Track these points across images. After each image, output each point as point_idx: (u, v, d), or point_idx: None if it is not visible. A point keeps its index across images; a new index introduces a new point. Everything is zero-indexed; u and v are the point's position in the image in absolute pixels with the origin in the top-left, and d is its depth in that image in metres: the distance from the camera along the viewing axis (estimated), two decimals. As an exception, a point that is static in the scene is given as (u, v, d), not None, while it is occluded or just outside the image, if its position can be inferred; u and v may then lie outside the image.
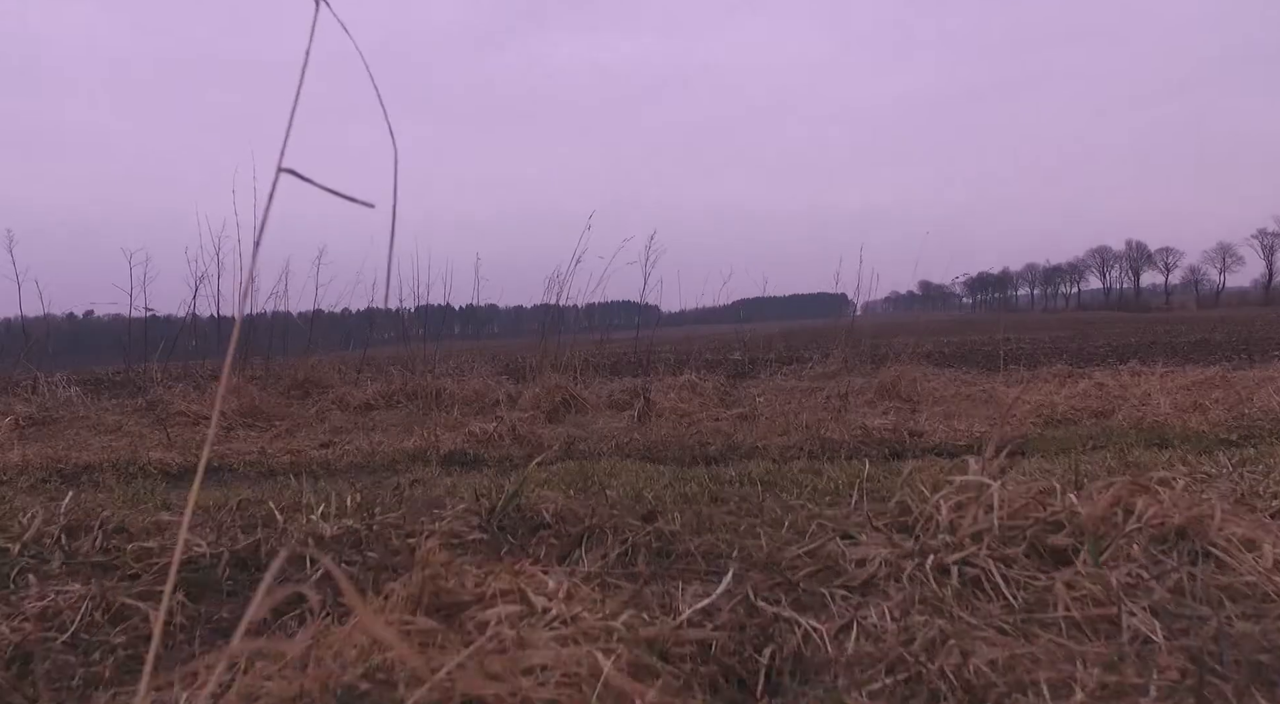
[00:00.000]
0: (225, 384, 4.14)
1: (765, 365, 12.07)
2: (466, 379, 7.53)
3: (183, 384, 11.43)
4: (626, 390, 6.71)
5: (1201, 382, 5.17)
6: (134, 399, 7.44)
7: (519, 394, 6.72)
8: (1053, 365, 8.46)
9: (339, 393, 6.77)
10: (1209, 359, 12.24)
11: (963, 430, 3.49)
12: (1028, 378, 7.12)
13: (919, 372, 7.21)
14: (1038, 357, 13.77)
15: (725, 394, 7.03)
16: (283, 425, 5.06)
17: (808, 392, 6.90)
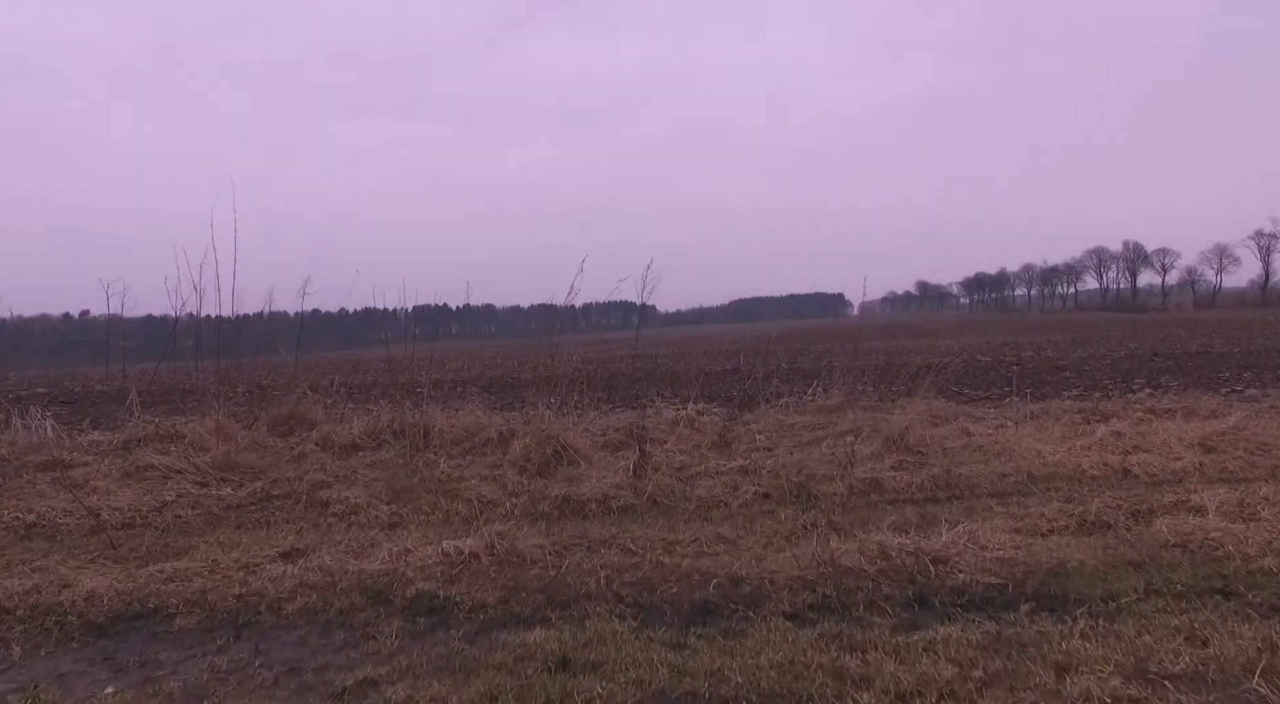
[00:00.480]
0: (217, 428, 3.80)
1: (766, 386, 11.83)
2: (456, 411, 7.28)
3: (167, 407, 11.12)
4: (622, 431, 6.47)
5: (1225, 435, 4.95)
6: (114, 432, 7.19)
7: (510, 433, 6.47)
8: (1060, 396, 8.23)
9: (324, 432, 6.52)
10: (1216, 376, 12.02)
11: (992, 547, 3.12)
12: (1037, 412, 6.89)
13: (926, 410, 6.98)
14: (1042, 375, 13.55)
15: (725, 432, 6.79)
16: (257, 484, 4.81)
17: (809, 431, 6.67)
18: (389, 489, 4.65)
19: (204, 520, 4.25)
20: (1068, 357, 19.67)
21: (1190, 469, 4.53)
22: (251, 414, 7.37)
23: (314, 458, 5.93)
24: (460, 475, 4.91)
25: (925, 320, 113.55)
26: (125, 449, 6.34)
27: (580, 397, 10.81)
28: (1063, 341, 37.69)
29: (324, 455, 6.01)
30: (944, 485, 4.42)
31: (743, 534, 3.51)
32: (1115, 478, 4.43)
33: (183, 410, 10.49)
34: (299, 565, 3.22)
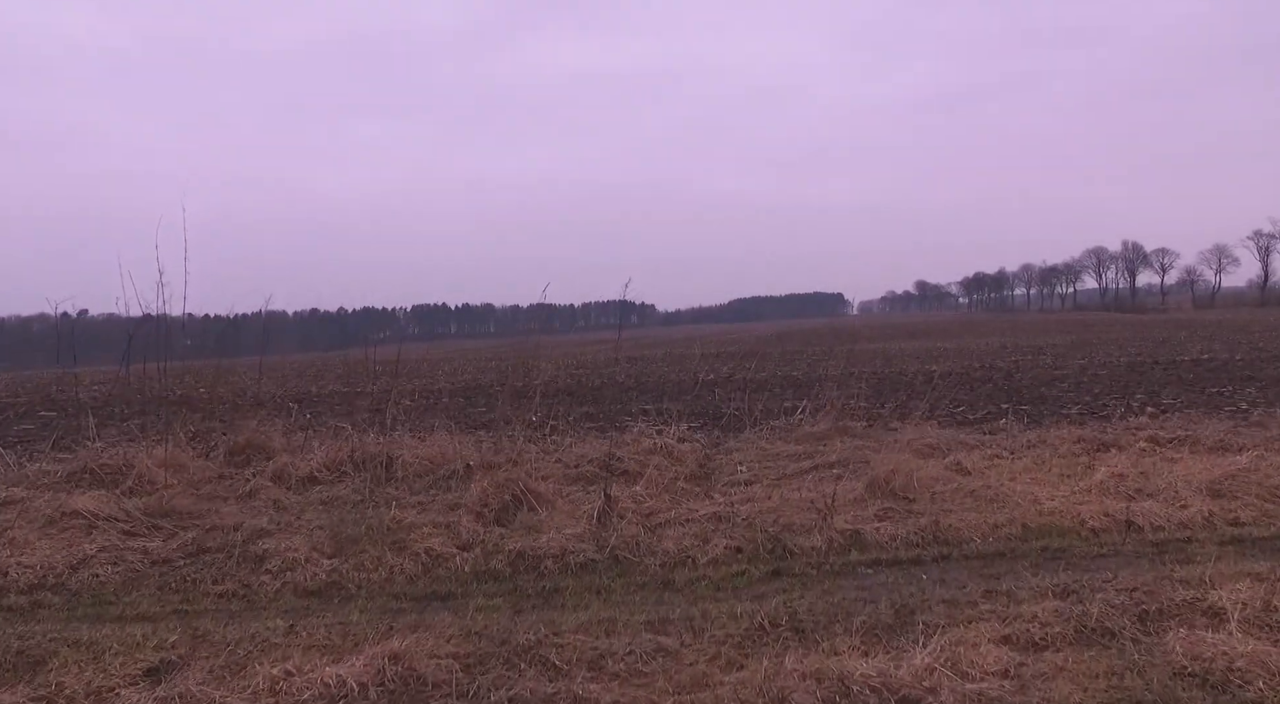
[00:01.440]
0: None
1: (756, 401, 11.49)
2: (425, 438, 6.93)
3: (139, 421, 10.70)
4: (595, 462, 6.11)
5: (1235, 477, 4.58)
6: (62, 461, 6.80)
7: (478, 464, 6.12)
8: (1059, 417, 7.88)
9: (280, 464, 6.17)
10: (1219, 390, 11.67)
11: (975, 672, 2.63)
12: (1034, 441, 6.54)
13: (918, 438, 6.63)
14: (1039, 387, 13.19)
15: (705, 462, 6.44)
16: (190, 535, 4.45)
17: (794, 461, 6.32)
18: (333, 539, 4.31)
19: (122, 580, 3.90)
20: (1067, 364, 19.32)
21: (1199, 520, 4.18)
22: (208, 442, 7.03)
23: (265, 494, 5.58)
24: (412, 522, 4.56)
25: (924, 321, 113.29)
26: (68, 482, 5.99)
27: (561, 411, 10.46)
28: (1062, 345, 37.39)
29: (276, 491, 5.66)
30: (931, 540, 4.07)
31: (688, 640, 3.10)
32: (1118, 532, 4.08)
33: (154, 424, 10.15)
34: (159, 693, 2.80)
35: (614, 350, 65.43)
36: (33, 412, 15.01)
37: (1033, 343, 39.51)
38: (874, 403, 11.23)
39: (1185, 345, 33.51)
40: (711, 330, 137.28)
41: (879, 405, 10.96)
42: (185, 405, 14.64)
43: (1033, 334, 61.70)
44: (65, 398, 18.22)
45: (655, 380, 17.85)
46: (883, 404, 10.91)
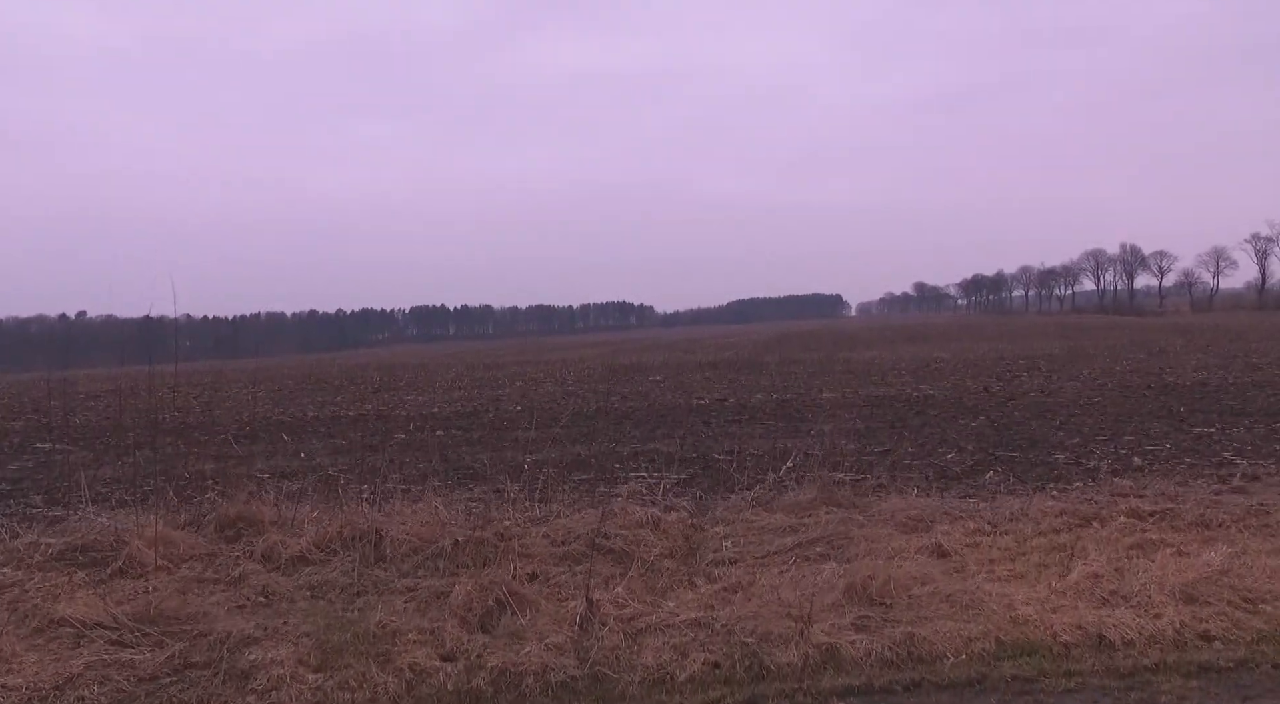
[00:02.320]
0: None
1: (745, 448, 11.56)
2: (415, 502, 6.98)
3: (131, 457, 10.71)
4: (581, 540, 6.17)
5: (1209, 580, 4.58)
6: (57, 534, 6.84)
7: (467, 540, 6.17)
8: (1044, 484, 7.93)
9: (269, 542, 6.22)
10: (1206, 436, 11.75)
11: None
12: (1017, 513, 6.59)
13: (903, 510, 6.69)
14: (1031, 421, 13.24)
15: (691, 536, 6.49)
16: (178, 646, 4.48)
17: (778, 536, 6.38)
18: (319, 649, 4.36)
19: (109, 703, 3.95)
20: (1061, 388, 19.34)
21: (1169, 633, 4.23)
22: (199, 509, 7.08)
23: (254, 580, 5.63)
24: (397, 628, 4.61)
25: (922, 324, 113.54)
26: (60, 560, 6.04)
27: (553, 456, 10.51)
28: (1058, 355, 37.50)
29: (265, 576, 5.71)
30: (906, 657, 4.12)
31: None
32: (1089, 648, 4.13)
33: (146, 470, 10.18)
34: None
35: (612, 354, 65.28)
36: (28, 443, 15.03)
37: (1029, 353, 39.61)
38: (864, 444, 11.31)
39: (1181, 357, 33.65)
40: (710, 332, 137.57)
41: (870, 447, 11.03)
42: (180, 438, 14.71)
43: (1030, 339, 61.87)
44: (61, 425, 18.26)
45: (650, 407, 17.89)
46: (873, 447, 10.98)
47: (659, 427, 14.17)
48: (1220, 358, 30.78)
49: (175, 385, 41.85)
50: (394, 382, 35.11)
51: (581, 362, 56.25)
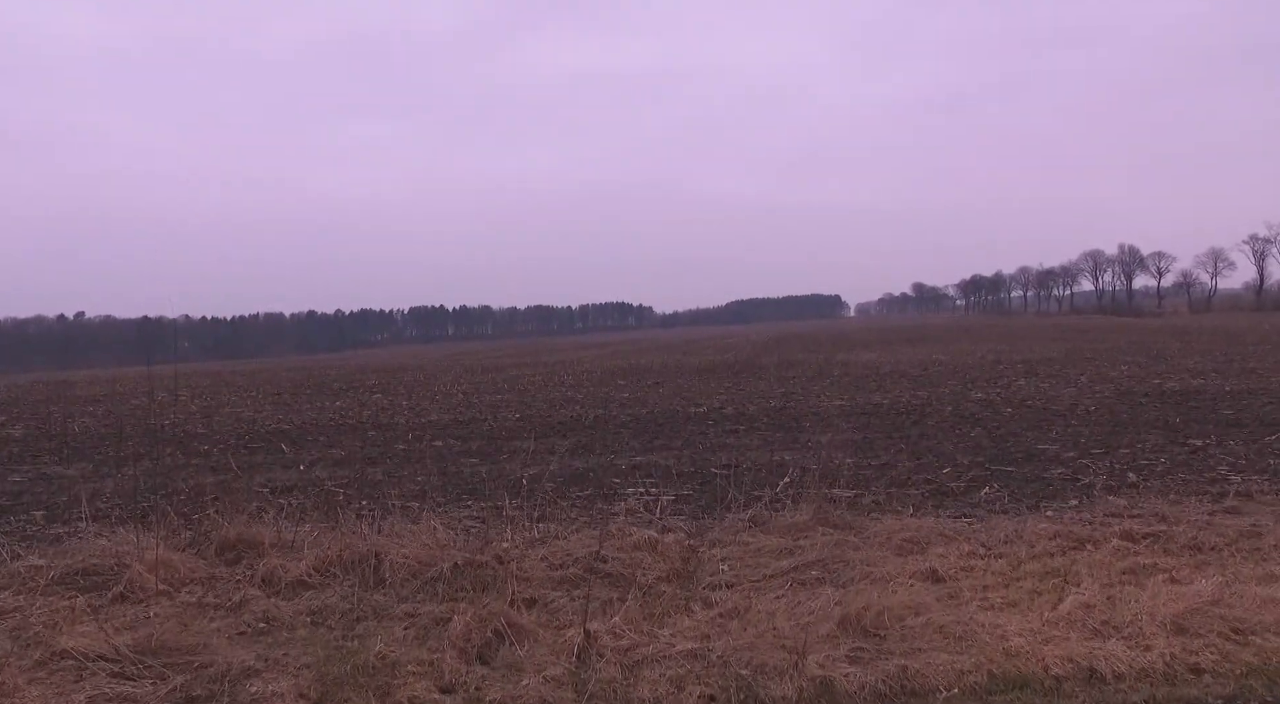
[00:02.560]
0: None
1: (742, 461, 11.62)
2: (412, 530, 7.01)
3: (132, 469, 10.70)
4: (579, 564, 6.22)
5: (1200, 611, 4.62)
6: (56, 555, 6.87)
7: (466, 563, 6.22)
8: (1039, 503, 7.97)
9: (270, 565, 6.26)
10: (1202, 451, 11.81)
11: None
12: (1011, 536, 6.64)
13: (899, 531, 6.74)
14: (1028, 430, 13.29)
15: (688, 558, 6.54)
16: (179, 679, 4.52)
17: (774, 558, 6.43)
18: (319, 681, 4.40)
19: (111, 740, 4.00)
20: (1059, 394, 19.39)
21: (1159, 666, 4.27)
22: (200, 529, 7.12)
23: (255, 606, 5.67)
24: (397, 659, 4.65)
25: (920, 325, 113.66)
26: (61, 584, 6.08)
27: (551, 469, 10.55)
28: (1056, 358, 37.58)
29: (266, 602, 5.75)
30: (899, 690, 4.17)
31: None
32: (1081, 681, 4.18)
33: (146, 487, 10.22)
34: None
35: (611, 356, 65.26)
36: (28, 454, 15.05)
37: (1027, 356, 39.69)
38: (862, 457, 11.35)
39: (1178, 360, 33.75)
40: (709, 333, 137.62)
41: (867, 460, 11.08)
42: (179, 448, 14.75)
43: (1028, 341, 62.00)
44: (62, 431, 18.29)
45: (648, 415, 17.93)
46: (871, 460, 11.03)
47: (657, 437, 14.22)
48: (1217, 362, 30.87)
49: (174, 388, 41.93)
50: (392, 386, 35.14)
51: (580, 364, 56.32)
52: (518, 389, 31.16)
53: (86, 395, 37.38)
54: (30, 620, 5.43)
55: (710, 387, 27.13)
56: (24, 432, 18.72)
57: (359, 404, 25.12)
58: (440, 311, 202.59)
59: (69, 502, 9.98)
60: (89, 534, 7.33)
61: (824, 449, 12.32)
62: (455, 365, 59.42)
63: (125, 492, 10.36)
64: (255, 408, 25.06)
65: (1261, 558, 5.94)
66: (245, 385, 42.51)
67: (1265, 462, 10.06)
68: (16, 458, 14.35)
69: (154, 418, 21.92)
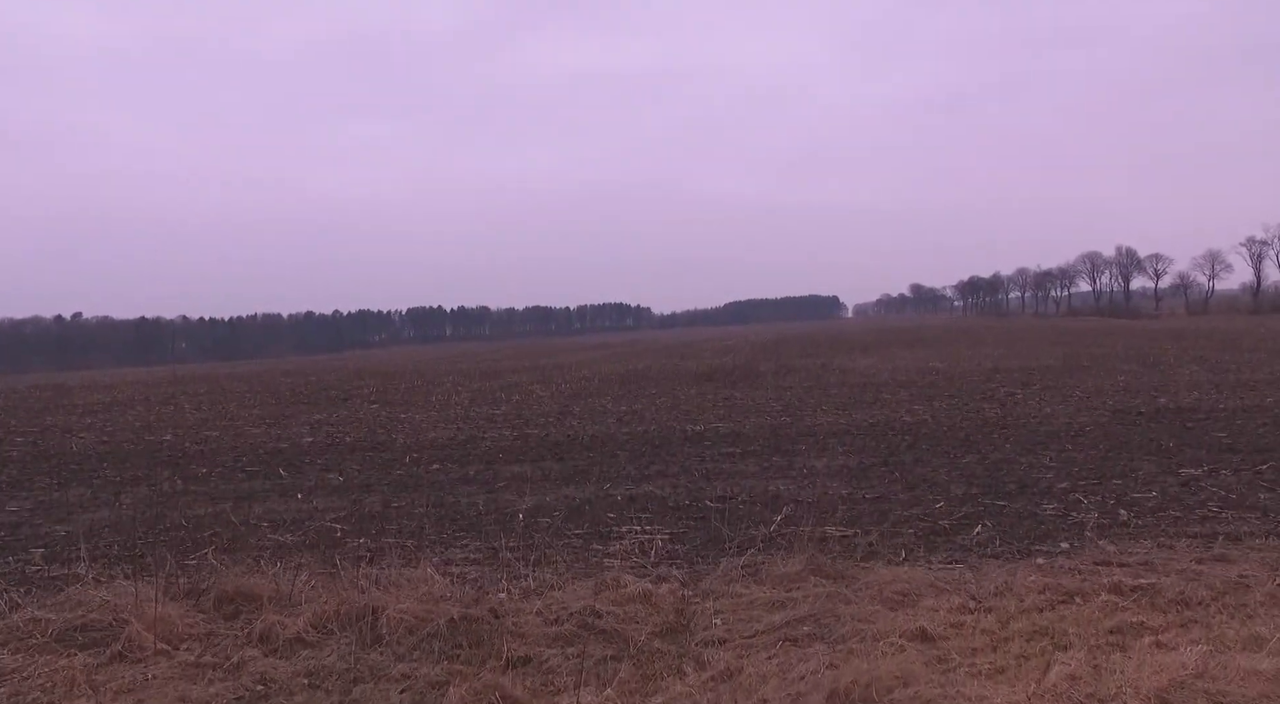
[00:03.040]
0: None
1: (737, 492, 11.69)
2: (409, 578, 7.07)
3: (131, 502, 10.71)
4: (574, 619, 6.28)
5: (1185, 685, 4.69)
6: (55, 607, 6.92)
7: (462, 617, 6.29)
8: (1031, 556, 8.02)
9: (268, 622, 6.32)
10: (1194, 482, 11.88)
11: None
12: (1001, 589, 6.71)
13: (891, 583, 6.81)
14: (1021, 459, 13.34)
15: (681, 611, 6.62)
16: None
17: (766, 612, 6.49)
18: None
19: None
20: (1054, 411, 19.47)
21: (1143, 746, 4.36)
22: (199, 582, 7.18)
23: (252, 667, 5.72)
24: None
25: (918, 326, 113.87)
26: (59, 642, 6.12)
27: (548, 502, 10.60)
28: (1054, 366, 37.68)
29: (264, 662, 5.80)
30: (886, 772, 4.26)
31: None
32: (1064, 763, 4.27)
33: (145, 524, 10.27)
34: None
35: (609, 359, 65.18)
36: (26, 475, 15.09)
37: (1024, 364, 39.81)
38: (856, 487, 11.43)
39: (1175, 369, 33.85)
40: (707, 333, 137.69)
41: (861, 491, 11.15)
42: (176, 472, 14.80)
43: (1026, 345, 62.16)
44: (60, 451, 18.31)
45: (645, 433, 17.99)
46: (865, 491, 11.09)
47: (654, 462, 14.28)
48: (1213, 371, 30.99)
49: (171, 396, 41.89)
50: (390, 394, 35.18)
51: (578, 368, 56.39)
52: (514, 400, 31.22)
53: (84, 404, 37.38)
54: (28, 684, 5.49)
55: (707, 399, 27.20)
56: (21, 451, 18.74)
57: (356, 417, 25.17)
58: (438, 312, 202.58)
59: (67, 537, 10.03)
60: (88, 580, 7.39)
61: (819, 478, 12.42)
62: (452, 370, 59.45)
63: (123, 524, 10.43)
64: (252, 420, 25.10)
65: (1248, 616, 6.01)
66: (243, 391, 42.54)
67: (1256, 496, 10.14)
68: (15, 482, 14.39)
69: (151, 433, 21.96)
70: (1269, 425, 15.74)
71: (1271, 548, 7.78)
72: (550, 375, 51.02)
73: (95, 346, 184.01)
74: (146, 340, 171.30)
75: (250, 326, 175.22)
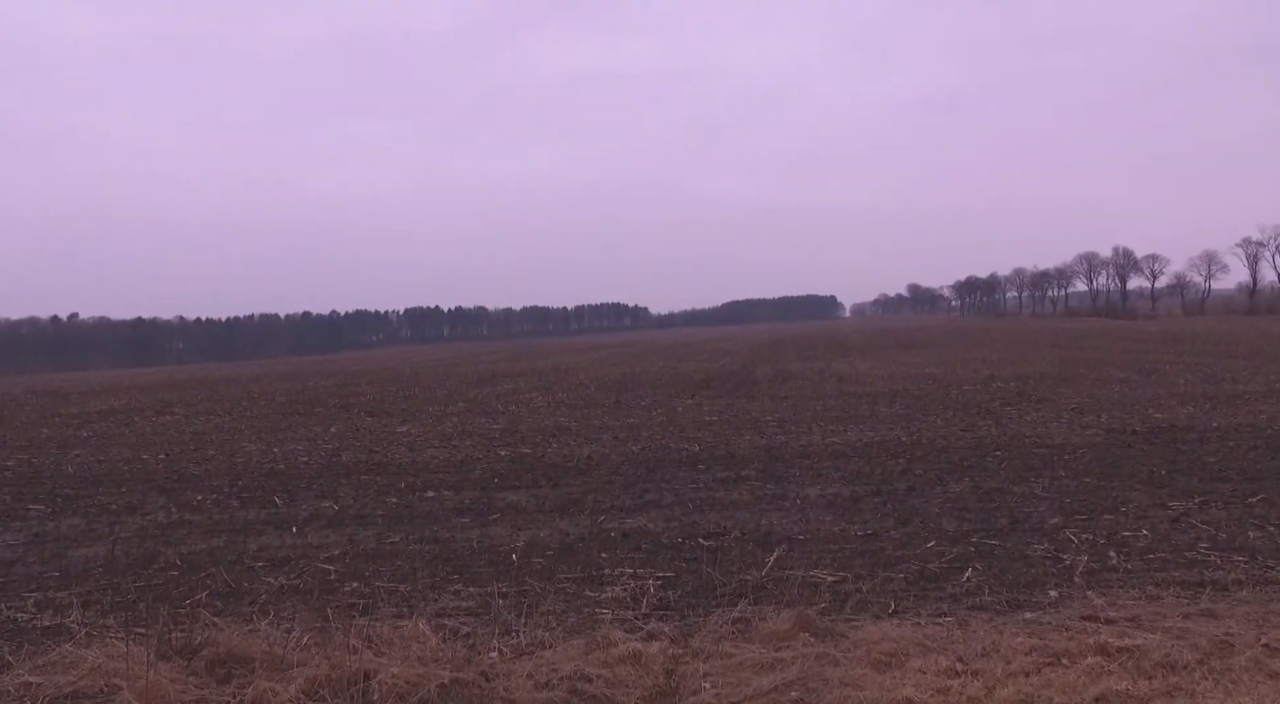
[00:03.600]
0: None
1: (729, 528, 11.75)
2: (400, 634, 7.11)
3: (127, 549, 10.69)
4: (564, 684, 6.33)
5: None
6: (49, 670, 6.94)
7: (455, 681, 6.33)
8: (1020, 610, 8.07)
9: (259, 690, 6.36)
10: (1184, 518, 11.97)
11: None
12: (988, 649, 6.77)
13: (880, 641, 6.86)
14: (1014, 488, 13.39)
15: (670, 671, 6.66)
16: None
17: (756, 674, 6.54)
18: None
19: None
20: (1049, 430, 19.53)
21: None
22: (192, 641, 7.21)
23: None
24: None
25: (916, 328, 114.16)
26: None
27: (541, 535, 10.63)
28: (1051, 373, 37.76)
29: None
30: None
31: None
32: None
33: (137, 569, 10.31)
34: None
35: (606, 362, 65.22)
36: (22, 502, 15.11)
37: (1020, 371, 39.89)
38: (848, 521, 11.48)
39: (1170, 378, 33.94)
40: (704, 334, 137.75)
41: (853, 527, 11.19)
42: (171, 498, 14.82)
43: (1023, 348, 62.24)
44: (55, 473, 18.32)
45: (640, 453, 18.04)
46: (857, 527, 11.14)
47: (648, 488, 14.31)
48: (1208, 381, 31.09)
49: (168, 404, 41.82)
50: (387, 403, 35.21)
51: (574, 372, 56.39)
52: (510, 411, 31.26)
53: (80, 413, 37.37)
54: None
55: (703, 410, 27.26)
56: (15, 474, 18.74)
57: (353, 429, 25.19)
58: (436, 312, 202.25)
59: (61, 578, 10.07)
60: (80, 635, 7.43)
61: (811, 508, 12.47)
62: (450, 375, 59.47)
63: (117, 565, 10.45)
64: (249, 434, 25.12)
65: (1231, 682, 6.06)
66: (239, 398, 42.55)
67: (1245, 534, 10.20)
68: (10, 511, 14.41)
69: (148, 450, 21.98)
70: (1260, 449, 15.81)
71: (1258, 600, 7.83)
72: (547, 380, 51.05)
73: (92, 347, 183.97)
74: (144, 341, 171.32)
75: (247, 327, 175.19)
